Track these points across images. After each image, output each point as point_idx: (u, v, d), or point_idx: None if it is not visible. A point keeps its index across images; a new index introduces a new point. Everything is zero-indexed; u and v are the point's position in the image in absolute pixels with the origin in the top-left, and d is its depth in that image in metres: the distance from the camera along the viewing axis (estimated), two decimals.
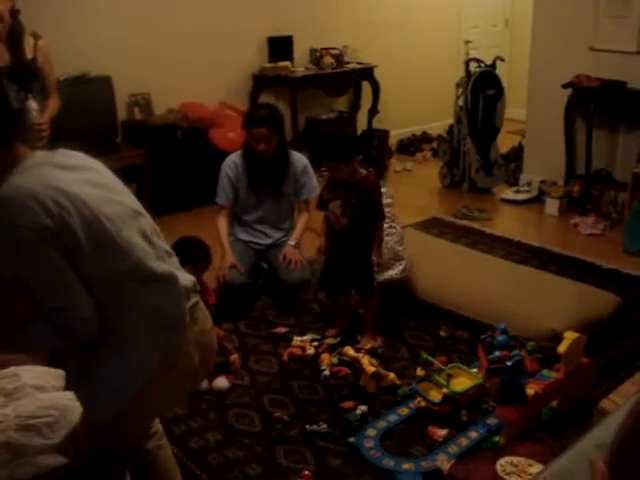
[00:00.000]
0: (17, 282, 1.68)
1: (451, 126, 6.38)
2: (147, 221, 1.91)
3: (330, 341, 3.57)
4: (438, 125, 7.73)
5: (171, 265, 1.93)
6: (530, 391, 2.74)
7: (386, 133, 7.50)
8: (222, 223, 3.95)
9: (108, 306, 1.74)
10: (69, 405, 2.24)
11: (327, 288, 3.75)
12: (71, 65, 5.19)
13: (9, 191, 1.61)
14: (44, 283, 1.66)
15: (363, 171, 3.43)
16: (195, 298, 1.97)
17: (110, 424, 1.86)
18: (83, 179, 1.75)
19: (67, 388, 2.36)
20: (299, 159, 4.03)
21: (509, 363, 2.68)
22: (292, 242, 3.94)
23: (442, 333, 3.66)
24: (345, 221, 3.40)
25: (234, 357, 3.42)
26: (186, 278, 1.97)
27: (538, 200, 5.82)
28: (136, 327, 1.81)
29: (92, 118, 5.24)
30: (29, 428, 2.23)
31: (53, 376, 2.42)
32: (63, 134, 3.67)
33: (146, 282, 1.81)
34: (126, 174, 2.00)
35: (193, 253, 3.27)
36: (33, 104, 3.62)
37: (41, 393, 2.32)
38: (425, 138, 8.01)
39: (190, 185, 5.68)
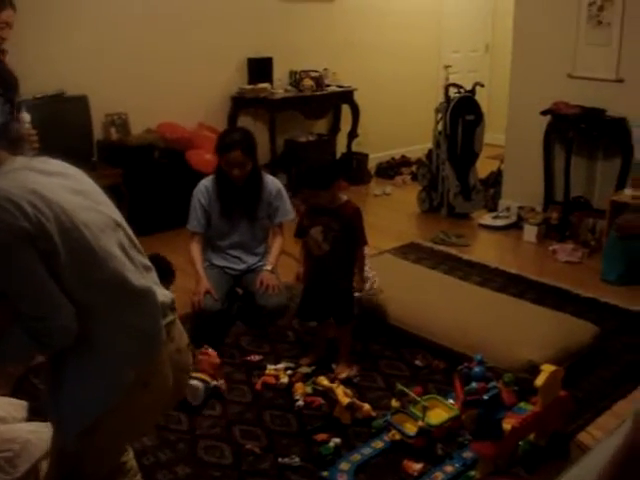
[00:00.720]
0: None
1: (430, 151, 6.38)
2: (126, 233, 1.87)
3: (304, 370, 3.50)
4: (418, 149, 7.73)
5: (149, 280, 1.88)
6: (507, 425, 2.68)
7: (365, 156, 7.48)
8: (195, 249, 3.87)
9: (84, 316, 1.69)
10: (30, 439, 2.16)
11: (306, 316, 3.69)
12: (47, 83, 5.13)
13: None
14: (22, 288, 1.61)
15: (343, 197, 3.40)
16: (172, 315, 1.92)
17: (80, 447, 1.78)
18: (62, 185, 1.72)
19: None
20: (272, 182, 3.96)
21: (485, 397, 2.63)
22: (268, 267, 3.87)
23: (418, 362, 3.60)
24: (327, 247, 3.35)
25: (221, 382, 3.35)
26: (163, 294, 1.92)
27: (516, 226, 5.80)
28: (111, 340, 1.75)
29: (68, 137, 5.14)
30: None
31: (15, 407, 2.34)
32: (38, 152, 3.62)
33: (123, 295, 1.76)
34: None
35: (162, 270, 3.19)
36: (26, 116, 3.70)
37: (1, 425, 2.23)
38: (404, 162, 7.98)
39: (167, 206, 5.60)
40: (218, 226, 3.92)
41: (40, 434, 2.15)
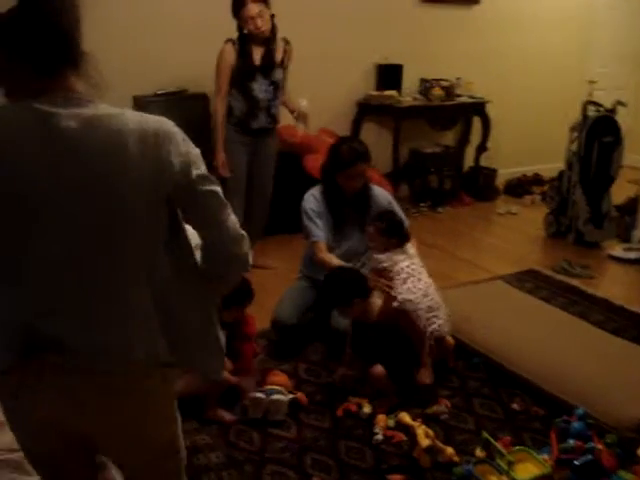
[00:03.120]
0: None
1: (561, 172, 5.94)
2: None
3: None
4: (553, 167, 7.23)
5: None
6: None
7: (493, 172, 7.12)
8: (331, 256, 3.70)
9: None
10: None
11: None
12: (170, 81, 5.19)
13: None
14: None
15: (377, 301, 3.37)
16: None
17: None
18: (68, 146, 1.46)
19: None
20: (382, 194, 3.89)
21: (577, 462, 2.33)
22: None
23: (515, 406, 3.28)
24: None
25: (300, 394, 3.27)
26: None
27: None
28: None
29: (187, 133, 5.15)
30: None
31: None
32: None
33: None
34: None
35: (240, 291, 3.06)
36: (304, 101, 4.69)
37: None
38: (536, 180, 7.55)
39: (279, 210, 5.50)
40: (327, 237, 3.78)
41: None
